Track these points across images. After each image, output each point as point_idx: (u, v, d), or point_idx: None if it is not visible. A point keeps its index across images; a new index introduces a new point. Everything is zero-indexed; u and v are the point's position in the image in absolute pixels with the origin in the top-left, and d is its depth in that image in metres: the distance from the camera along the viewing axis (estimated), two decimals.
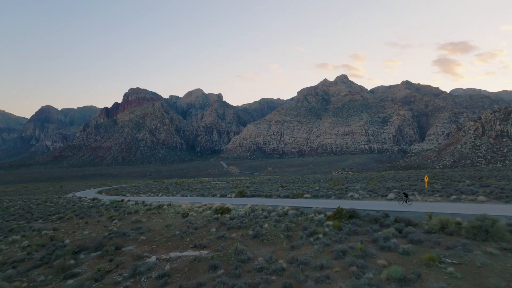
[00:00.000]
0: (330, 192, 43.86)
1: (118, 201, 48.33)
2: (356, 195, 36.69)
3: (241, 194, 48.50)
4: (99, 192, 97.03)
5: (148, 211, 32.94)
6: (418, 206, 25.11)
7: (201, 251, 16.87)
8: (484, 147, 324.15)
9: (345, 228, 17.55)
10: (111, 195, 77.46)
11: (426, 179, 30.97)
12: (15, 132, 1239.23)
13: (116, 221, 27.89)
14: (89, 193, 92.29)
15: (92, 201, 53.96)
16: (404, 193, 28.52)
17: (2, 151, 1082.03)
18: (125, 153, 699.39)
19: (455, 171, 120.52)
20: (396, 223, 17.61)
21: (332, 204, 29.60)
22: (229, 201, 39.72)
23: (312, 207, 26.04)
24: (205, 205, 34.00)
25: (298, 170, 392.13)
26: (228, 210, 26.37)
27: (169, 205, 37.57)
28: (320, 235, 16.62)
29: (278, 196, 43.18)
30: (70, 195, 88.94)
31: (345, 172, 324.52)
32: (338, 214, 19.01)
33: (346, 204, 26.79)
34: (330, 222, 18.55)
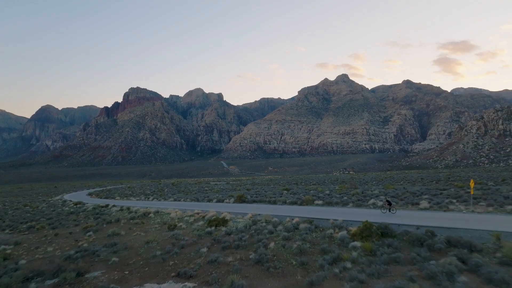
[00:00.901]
0: (345, 197, 38.16)
1: (102, 206, 43.73)
2: (380, 203, 31.01)
3: (241, 199, 43.16)
4: (90, 194, 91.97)
5: (131, 221, 28.53)
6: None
7: (186, 283, 12.46)
8: (486, 147, 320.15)
9: (380, 253, 13.01)
10: (101, 198, 73.13)
11: (471, 184, 24.43)
12: (15, 131, 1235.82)
13: (90, 233, 23.42)
14: (78, 196, 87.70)
15: (75, 206, 49.51)
16: (387, 201, 25.17)
17: (2, 151, 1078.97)
18: (125, 152, 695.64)
19: (466, 172, 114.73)
20: (451, 247, 12.98)
21: (352, 214, 24.94)
22: (227, 208, 35.44)
23: (328, 219, 21.17)
24: (198, 213, 29.66)
25: (299, 170, 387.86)
26: (224, 222, 21.78)
27: (156, 212, 33.02)
28: (348, 264, 12.03)
29: (284, 202, 38.05)
30: (58, 197, 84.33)
31: (347, 172, 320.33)
32: (366, 231, 14.36)
33: (370, 216, 22.45)
34: (357, 243, 13.84)
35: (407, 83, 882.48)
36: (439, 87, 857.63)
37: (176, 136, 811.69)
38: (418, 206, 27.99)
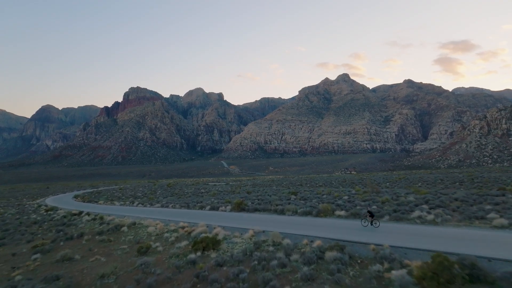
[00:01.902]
0: (373, 206, 29.86)
1: (75, 214, 37.83)
2: (430, 216, 22.36)
3: (240, 207, 35.12)
4: (77, 196, 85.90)
5: (97, 237, 22.89)
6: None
7: None
8: (490, 146, 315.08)
9: None
10: (84, 201, 67.56)
11: None
12: (16, 131, 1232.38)
13: (38, 255, 17.82)
14: (63, 199, 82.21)
15: (46, 213, 43.89)
16: (368, 211, 21.09)
17: (3, 151, 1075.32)
18: (125, 152, 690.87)
19: (483, 171, 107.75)
20: None
21: (400, 234, 18.11)
22: (221, 220, 28.74)
23: (367, 243, 15.06)
24: (183, 227, 23.52)
25: (300, 169, 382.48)
26: (215, 243, 15.96)
27: (133, 224, 26.78)
28: None
29: (294, 212, 29.85)
30: (38, 200, 78.91)
31: (348, 172, 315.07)
32: (445, 272, 8.50)
33: (421, 235, 17.11)
34: None
35: (408, 82, 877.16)
36: (440, 87, 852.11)
37: (176, 136, 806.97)
38: (489, 222, 20.15)
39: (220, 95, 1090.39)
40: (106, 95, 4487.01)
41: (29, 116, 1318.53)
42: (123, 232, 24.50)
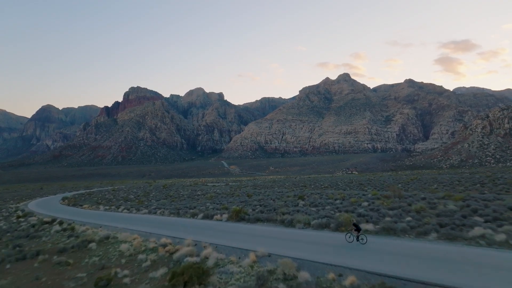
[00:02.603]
0: (407, 218, 23.15)
1: (46, 223, 33.71)
2: (499, 235, 16.70)
3: (238, 216, 29.54)
4: (64, 198, 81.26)
5: (56, 256, 19.17)
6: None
7: None
8: (492, 146, 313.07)
9: None
10: (68, 205, 63.55)
11: None
12: (16, 131, 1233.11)
13: None
14: (50, 201, 78.30)
15: (16, 220, 39.94)
16: (354, 224, 17.96)
17: (3, 151, 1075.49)
18: (125, 152, 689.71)
19: (495, 171, 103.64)
20: None
21: (457, 262, 13.11)
22: (216, 233, 23.99)
23: (428, 284, 10.59)
24: (165, 246, 19.32)
25: (301, 169, 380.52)
26: (201, 276, 12.16)
27: (106, 239, 22.86)
28: None
29: (307, 224, 24.10)
30: (24, 203, 74.97)
31: (350, 172, 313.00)
32: None
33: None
34: None
35: (409, 82, 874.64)
36: (441, 86, 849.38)
37: (176, 135, 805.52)
38: None
39: (220, 95, 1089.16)
40: (106, 95, 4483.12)
41: (29, 116, 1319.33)
42: (90, 250, 20.43)
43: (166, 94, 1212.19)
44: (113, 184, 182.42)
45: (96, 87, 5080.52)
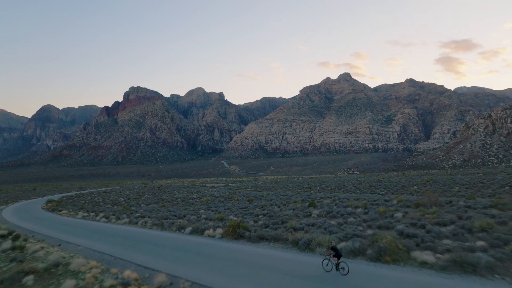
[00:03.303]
0: (465, 235, 17.92)
1: (2, 236, 27.29)
2: None
3: (236, 232, 23.27)
4: (49, 202, 73.18)
5: None
6: None
7: None
8: (495, 146, 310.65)
9: None
10: (48, 210, 57.43)
11: None
12: (16, 131, 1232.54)
13: None
14: (32, 204, 72.51)
15: None
16: (332, 248, 13.99)
17: (3, 151, 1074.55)
18: (125, 152, 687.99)
19: (509, 172, 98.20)
20: None
21: None
22: (203, 260, 17.71)
23: None
24: (128, 285, 13.48)
25: (302, 169, 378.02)
26: None
27: (54, 267, 16.63)
28: None
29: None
30: (1, 208, 67.23)
31: (351, 172, 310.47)
32: None
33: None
34: None
35: (410, 81, 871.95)
36: (442, 86, 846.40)
37: (176, 135, 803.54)
38: None
39: (220, 95, 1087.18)
40: (107, 94, 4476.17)
41: (29, 116, 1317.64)
42: (25, 287, 13.95)
43: (166, 94, 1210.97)
44: (109, 185, 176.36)
45: (97, 87, 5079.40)
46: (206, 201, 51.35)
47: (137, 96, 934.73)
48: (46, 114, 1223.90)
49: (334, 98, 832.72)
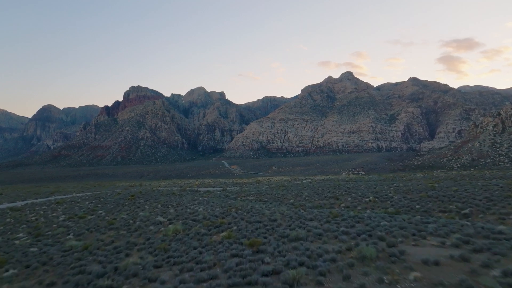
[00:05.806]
0: None
1: None
2: None
3: None
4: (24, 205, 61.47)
5: None
6: None
7: None
8: (505, 145, 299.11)
9: None
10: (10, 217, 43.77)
11: None
12: (17, 131, 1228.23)
13: None
14: None
15: None
16: None
17: (4, 151, 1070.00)
18: (125, 152, 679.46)
19: None
20: None
21: None
22: None
23: None
24: None
25: (305, 169, 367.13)
26: None
27: None
28: None
29: None
30: None
31: (356, 172, 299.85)
32: None
33: None
34: None
35: (413, 80, 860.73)
36: (446, 84, 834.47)
37: (177, 135, 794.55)
38: None
39: (221, 94, 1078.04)
40: (107, 94, 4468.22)
41: (30, 116, 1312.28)
42: None
43: (167, 93, 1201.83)
44: (93, 188, 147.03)
45: (97, 87, 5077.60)
46: (172, 235, 20.58)
47: (137, 96, 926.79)
48: (46, 114, 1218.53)
49: (336, 97, 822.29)
